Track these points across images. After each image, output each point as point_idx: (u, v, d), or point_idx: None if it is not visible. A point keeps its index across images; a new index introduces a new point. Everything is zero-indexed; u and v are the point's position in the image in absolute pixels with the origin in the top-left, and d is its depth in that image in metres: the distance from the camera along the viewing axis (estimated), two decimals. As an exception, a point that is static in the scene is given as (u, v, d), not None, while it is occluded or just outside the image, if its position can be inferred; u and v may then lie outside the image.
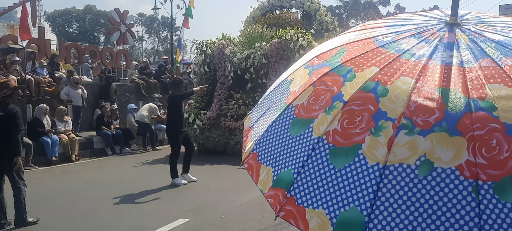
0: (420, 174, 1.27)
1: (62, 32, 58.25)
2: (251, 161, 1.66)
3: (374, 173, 1.32)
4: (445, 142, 1.27)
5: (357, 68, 1.53)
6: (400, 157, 1.31)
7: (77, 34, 59.72)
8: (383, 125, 1.35)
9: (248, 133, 1.82)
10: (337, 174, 1.39)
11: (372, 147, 1.35)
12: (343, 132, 1.42)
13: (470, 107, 1.30)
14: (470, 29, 1.61)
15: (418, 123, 1.32)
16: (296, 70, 1.80)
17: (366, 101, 1.43)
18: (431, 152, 1.27)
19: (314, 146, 1.45)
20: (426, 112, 1.33)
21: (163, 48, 63.96)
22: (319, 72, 1.62)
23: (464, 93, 1.35)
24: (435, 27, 1.65)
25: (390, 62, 1.51)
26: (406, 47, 1.56)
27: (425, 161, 1.27)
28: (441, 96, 1.35)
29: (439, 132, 1.29)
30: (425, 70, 1.45)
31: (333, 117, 1.44)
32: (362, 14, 52.50)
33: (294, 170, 1.48)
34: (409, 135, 1.31)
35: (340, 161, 1.39)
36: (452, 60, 1.46)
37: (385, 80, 1.45)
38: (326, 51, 1.75)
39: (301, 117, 1.55)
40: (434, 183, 1.26)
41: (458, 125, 1.28)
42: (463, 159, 1.25)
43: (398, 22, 1.80)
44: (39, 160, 10.67)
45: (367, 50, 1.60)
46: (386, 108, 1.38)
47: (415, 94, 1.38)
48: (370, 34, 1.73)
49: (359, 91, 1.45)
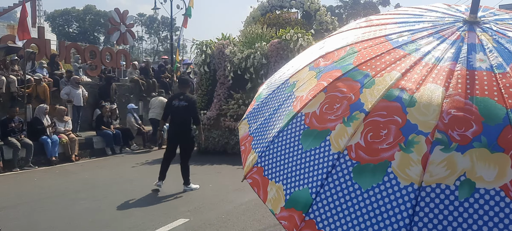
0: (461, 196, 1.15)
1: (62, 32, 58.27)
2: (256, 175, 1.49)
3: (409, 195, 1.18)
4: (486, 159, 1.15)
5: (375, 73, 1.38)
6: (437, 176, 1.17)
7: (77, 34, 59.74)
8: (414, 140, 1.21)
9: (247, 142, 1.64)
10: (364, 195, 1.23)
11: (404, 164, 1.20)
12: (368, 147, 1.26)
13: (510, 120, 1.18)
14: (492, 28, 1.48)
15: (454, 138, 1.18)
16: (299, 71, 1.63)
17: (391, 112, 1.27)
18: (471, 170, 1.15)
19: (334, 163, 1.29)
20: (462, 125, 1.19)
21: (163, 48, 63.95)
22: (329, 75, 1.46)
23: (501, 103, 1.21)
24: (454, 25, 1.51)
25: (412, 66, 1.37)
26: (426, 49, 1.42)
27: (465, 181, 1.15)
28: (477, 107, 1.22)
29: (478, 148, 1.16)
30: (454, 77, 1.30)
31: (354, 129, 1.29)
32: (362, 14, 52.44)
33: (311, 189, 1.31)
34: (445, 152, 1.17)
35: (367, 180, 1.24)
36: (481, 65, 1.33)
37: (410, 88, 1.30)
38: (333, 51, 1.58)
39: (314, 128, 1.38)
40: (477, 206, 1.13)
41: (499, 139, 1.16)
42: (508, 178, 1.13)
43: (409, 19, 1.65)
44: (39, 160, 10.68)
45: (383, 52, 1.45)
46: (416, 121, 1.24)
47: (447, 104, 1.23)
48: (380, 33, 1.58)
49: (382, 100, 1.30)
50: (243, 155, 1.63)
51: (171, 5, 23.14)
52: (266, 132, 1.56)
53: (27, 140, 10.55)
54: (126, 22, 19.92)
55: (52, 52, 15.44)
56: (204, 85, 12.59)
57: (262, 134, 1.58)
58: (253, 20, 14.74)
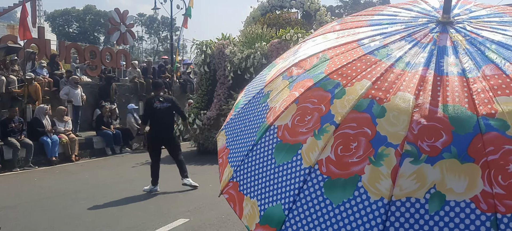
0: (431, 209, 1.13)
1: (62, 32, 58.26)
2: (232, 191, 1.47)
3: (379, 209, 1.16)
4: (456, 170, 1.13)
5: (346, 82, 1.34)
6: (407, 190, 1.15)
7: (77, 34, 59.73)
8: (384, 152, 1.19)
9: (224, 155, 1.61)
10: (335, 211, 1.21)
11: (374, 178, 1.18)
12: (338, 161, 1.24)
13: (481, 128, 1.15)
14: (466, 28, 1.44)
15: (424, 149, 1.16)
16: (273, 81, 1.58)
17: (361, 124, 1.25)
18: (441, 182, 1.13)
19: (305, 178, 1.27)
20: (432, 135, 1.17)
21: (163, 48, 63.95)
22: (301, 85, 1.43)
23: (472, 111, 1.18)
24: (427, 27, 1.47)
25: (382, 73, 1.33)
26: (398, 54, 1.38)
27: (435, 194, 1.13)
28: (447, 116, 1.19)
29: (448, 158, 1.14)
30: (425, 83, 1.27)
31: (324, 143, 1.26)
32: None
33: (284, 205, 1.29)
34: (415, 164, 1.15)
35: (338, 195, 1.21)
36: (452, 70, 1.30)
37: (380, 97, 1.27)
38: (306, 58, 1.54)
39: (287, 141, 1.35)
40: (447, 219, 1.11)
41: (469, 149, 1.13)
42: (478, 189, 1.11)
43: (383, 20, 1.60)
44: (39, 160, 10.69)
45: (354, 58, 1.41)
46: (385, 132, 1.21)
47: (417, 113, 1.21)
48: (353, 37, 1.54)
49: (352, 112, 1.27)
50: (220, 168, 1.60)
51: (171, 5, 23.14)
52: (242, 145, 1.53)
53: (27, 140, 10.55)
54: (126, 22, 19.90)
55: (52, 52, 15.44)
56: (204, 85, 12.59)
57: (238, 146, 1.55)
58: (253, 20, 14.73)
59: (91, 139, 12.56)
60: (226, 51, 11.98)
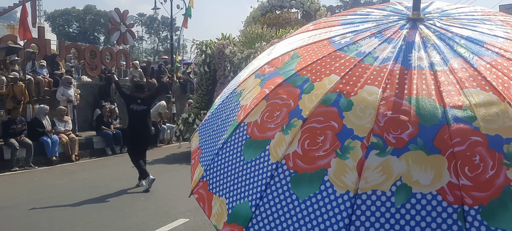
0: (397, 202, 1.11)
1: (62, 32, 58.25)
2: (202, 190, 1.45)
3: (345, 203, 1.15)
4: (422, 162, 1.12)
5: (315, 78, 1.35)
6: (373, 182, 1.14)
7: (77, 34, 59.75)
8: (350, 145, 1.18)
9: (196, 155, 1.59)
10: (301, 206, 1.19)
11: (340, 172, 1.17)
12: (305, 155, 1.23)
13: (447, 119, 1.15)
14: (435, 24, 1.46)
15: (390, 141, 1.15)
16: (246, 80, 1.59)
17: (328, 117, 1.24)
18: (407, 175, 1.12)
19: (272, 173, 1.26)
20: (398, 127, 1.16)
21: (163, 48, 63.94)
22: (272, 82, 1.43)
23: (439, 102, 1.19)
24: (397, 24, 1.48)
25: (351, 68, 1.33)
26: (367, 50, 1.39)
27: (401, 186, 1.11)
28: (413, 108, 1.19)
29: (414, 150, 1.13)
30: (392, 77, 1.28)
31: (292, 137, 1.26)
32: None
33: (251, 202, 1.28)
34: (381, 156, 1.15)
35: (304, 190, 1.20)
36: (420, 64, 1.31)
37: (347, 91, 1.27)
38: (278, 57, 1.55)
39: (256, 137, 1.34)
40: (414, 211, 1.10)
41: (435, 140, 1.13)
42: (445, 181, 1.10)
43: (356, 19, 1.61)
44: (39, 160, 10.68)
45: (324, 55, 1.42)
46: (352, 125, 1.21)
47: (384, 106, 1.21)
48: (325, 35, 1.54)
49: (319, 106, 1.27)
50: (192, 169, 1.59)
51: (171, 5, 23.15)
52: (213, 144, 1.52)
53: (26, 139, 10.54)
54: (126, 22, 19.91)
55: (52, 52, 15.44)
56: (204, 85, 12.59)
57: (210, 146, 1.54)
58: (253, 20, 14.74)
59: (91, 139, 12.55)
60: (226, 51, 11.98)
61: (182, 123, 12.22)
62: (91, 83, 14.70)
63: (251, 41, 12.15)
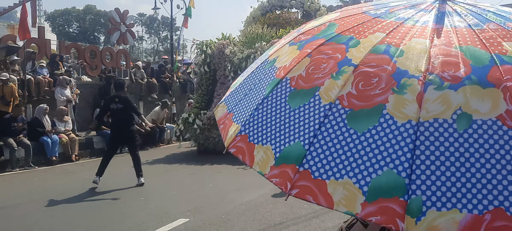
0: (459, 127, 1.17)
1: (62, 32, 58.27)
2: (240, 143, 1.46)
3: (407, 131, 1.19)
4: (479, 94, 1.19)
5: (359, 36, 1.40)
6: (434, 112, 1.19)
7: (77, 34, 59.77)
8: (406, 83, 1.24)
9: (226, 120, 1.61)
10: (361, 138, 1.23)
11: (399, 105, 1.22)
12: (360, 95, 1.27)
13: (495, 62, 1.25)
14: (464, 2, 1.58)
15: (446, 78, 1.22)
16: (279, 49, 1.62)
17: (380, 62, 1.30)
18: (466, 105, 1.19)
19: (326, 113, 1.29)
20: (452, 67, 1.24)
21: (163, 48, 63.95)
22: (313, 44, 1.47)
23: (485, 50, 1.29)
24: (428, 1, 1.58)
25: (394, 28, 1.41)
26: (406, 16, 1.47)
27: (462, 114, 1.18)
28: (462, 53, 1.28)
29: (470, 85, 1.21)
30: (436, 32, 1.37)
31: (344, 81, 1.29)
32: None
33: (303, 141, 1.29)
34: (439, 90, 1.21)
35: (362, 124, 1.24)
36: (459, 24, 1.41)
37: (396, 43, 1.34)
38: (313, 28, 1.59)
39: (302, 88, 1.38)
40: (476, 135, 1.16)
41: (488, 77, 1.22)
42: (503, 109, 1.18)
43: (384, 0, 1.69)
44: (39, 160, 10.68)
45: (364, 21, 1.47)
46: (406, 67, 1.27)
47: (435, 51, 1.30)
48: (358, 10, 1.60)
49: (370, 54, 1.32)
50: (222, 132, 1.59)
51: (171, 5, 23.13)
52: (248, 104, 1.53)
53: (25, 140, 10.53)
54: (126, 22, 19.90)
55: (52, 52, 15.44)
56: (204, 85, 12.59)
57: (244, 106, 1.55)
58: (253, 20, 14.76)
59: (91, 139, 12.56)
60: (226, 51, 11.98)
61: (182, 123, 12.21)
62: (91, 83, 14.70)
63: (251, 41, 12.15)
